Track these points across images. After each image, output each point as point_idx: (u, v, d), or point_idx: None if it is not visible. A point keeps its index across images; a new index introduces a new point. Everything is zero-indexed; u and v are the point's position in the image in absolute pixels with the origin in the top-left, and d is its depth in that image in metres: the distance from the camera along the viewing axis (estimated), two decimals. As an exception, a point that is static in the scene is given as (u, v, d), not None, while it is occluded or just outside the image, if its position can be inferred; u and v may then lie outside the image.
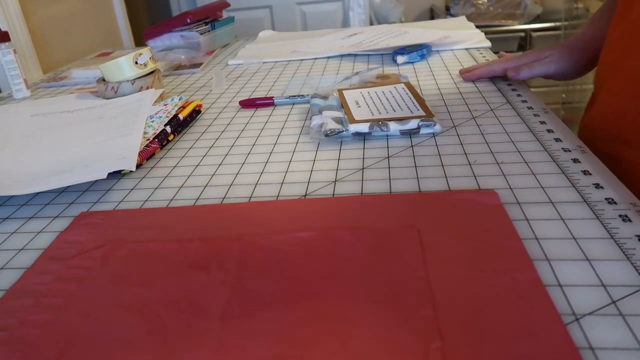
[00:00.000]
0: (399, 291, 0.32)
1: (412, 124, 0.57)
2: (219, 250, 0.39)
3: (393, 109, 0.61)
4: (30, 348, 0.31)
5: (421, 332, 0.29)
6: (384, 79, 0.77)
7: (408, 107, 0.61)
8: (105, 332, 0.32)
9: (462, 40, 1.00)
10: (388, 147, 0.55)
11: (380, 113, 0.60)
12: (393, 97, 0.65)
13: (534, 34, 2.12)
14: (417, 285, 0.33)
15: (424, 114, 0.59)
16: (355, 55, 1.01)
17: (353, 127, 0.57)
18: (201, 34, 1.13)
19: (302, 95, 0.74)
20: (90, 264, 0.39)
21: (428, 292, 0.32)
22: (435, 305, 0.31)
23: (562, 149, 0.50)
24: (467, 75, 0.76)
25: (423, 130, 0.57)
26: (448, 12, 2.34)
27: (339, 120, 0.59)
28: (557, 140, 0.52)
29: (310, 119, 0.63)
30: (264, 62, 1.03)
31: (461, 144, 0.54)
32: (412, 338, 0.29)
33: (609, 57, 0.60)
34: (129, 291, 0.35)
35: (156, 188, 0.51)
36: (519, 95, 0.67)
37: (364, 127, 0.57)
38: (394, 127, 0.57)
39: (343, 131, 0.58)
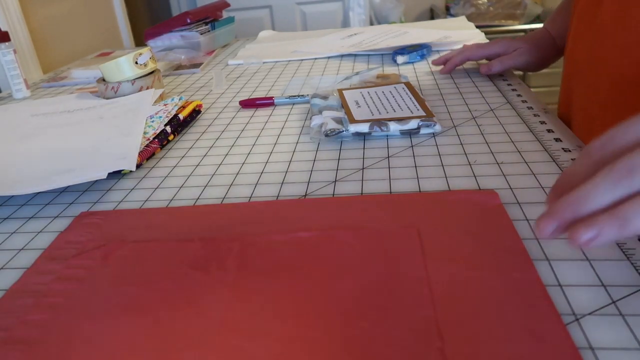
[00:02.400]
0: (399, 291, 0.32)
1: (412, 124, 0.57)
2: (219, 250, 0.39)
3: (393, 109, 0.61)
4: (30, 348, 0.31)
5: (421, 332, 0.29)
6: (384, 79, 0.77)
7: (408, 107, 0.61)
8: (105, 332, 0.32)
9: (462, 41, 1.00)
10: (388, 147, 0.55)
11: (380, 113, 0.60)
12: (393, 97, 0.65)
13: (534, 34, 2.11)
14: (417, 285, 0.33)
15: (424, 114, 0.59)
16: (355, 55, 1.01)
17: (353, 127, 0.57)
18: (201, 34, 1.13)
19: (302, 95, 0.74)
20: (90, 264, 0.39)
21: (428, 292, 0.32)
22: (435, 305, 0.31)
23: (562, 149, 0.50)
24: (446, 68, 0.79)
25: (423, 130, 0.57)
26: (448, 12, 2.34)
27: (339, 120, 0.59)
28: (557, 140, 0.52)
29: (310, 119, 0.63)
30: (264, 62, 1.03)
31: (461, 144, 0.54)
32: (412, 338, 0.29)
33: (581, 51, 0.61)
34: (129, 291, 0.35)
35: (156, 188, 0.51)
36: (519, 95, 0.67)
37: (364, 127, 0.57)
38: (394, 127, 0.57)
39: (343, 131, 0.58)
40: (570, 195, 0.26)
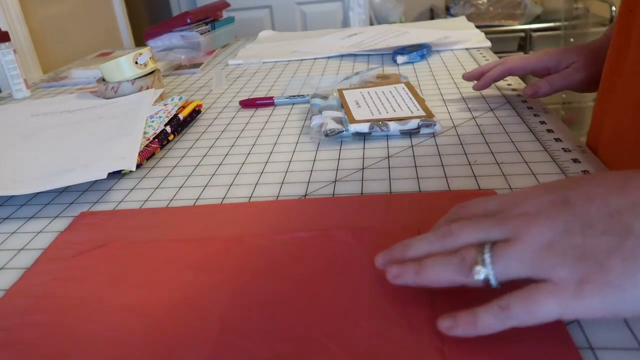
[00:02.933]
0: (399, 291, 0.32)
1: (412, 124, 0.57)
2: (219, 250, 0.39)
3: (393, 109, 0.61)
4: (30, 348, 0.31)
5: (421, 332, 0.29)
6: (384, 79, 0.77)
7: (408, 107, 0.61)
8: (105, 332, 0.32)
9: (462, 41, 1.00)
10: (388, 147, 0.55)
11: (380, 113, 0.60)
12: (393, 97, 0.65)
13: (534, 34, 2.12)
14: (417, 286, 0.33)
15: (424, 114, 0.59)
16: (355, 55, 1.01)
17: (353, 127, 0.57)
18: (201, 34, 1.13)
19: (302, 95, 0.74)
20: (90, 264, 0.39)
21: (428, 292, 0.32)
22: (435, 306, 0.31)
23: (562, 149, 0.50)
24: (481, 83, 0.65)
25: (423, 130, 0.57)
26: (448, 12, 2.34)
27: (339, 120, 0.59)
28: (557, 140, 0.52)
29: (310, 119, 0.63)
30: (264, 62, 1.03)
31: (461, 144, 0.54)
32: (412, 338, 0.29)
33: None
34: (129, 291, 0.35)
35: (156, 188, 0.51)
36: (519, 95, 0.67)
37: (364, 127, 0.57)
38: (394, 127, 0.57)
39: (343, 131, 0.58)
40: (403, 242, 0.32)
